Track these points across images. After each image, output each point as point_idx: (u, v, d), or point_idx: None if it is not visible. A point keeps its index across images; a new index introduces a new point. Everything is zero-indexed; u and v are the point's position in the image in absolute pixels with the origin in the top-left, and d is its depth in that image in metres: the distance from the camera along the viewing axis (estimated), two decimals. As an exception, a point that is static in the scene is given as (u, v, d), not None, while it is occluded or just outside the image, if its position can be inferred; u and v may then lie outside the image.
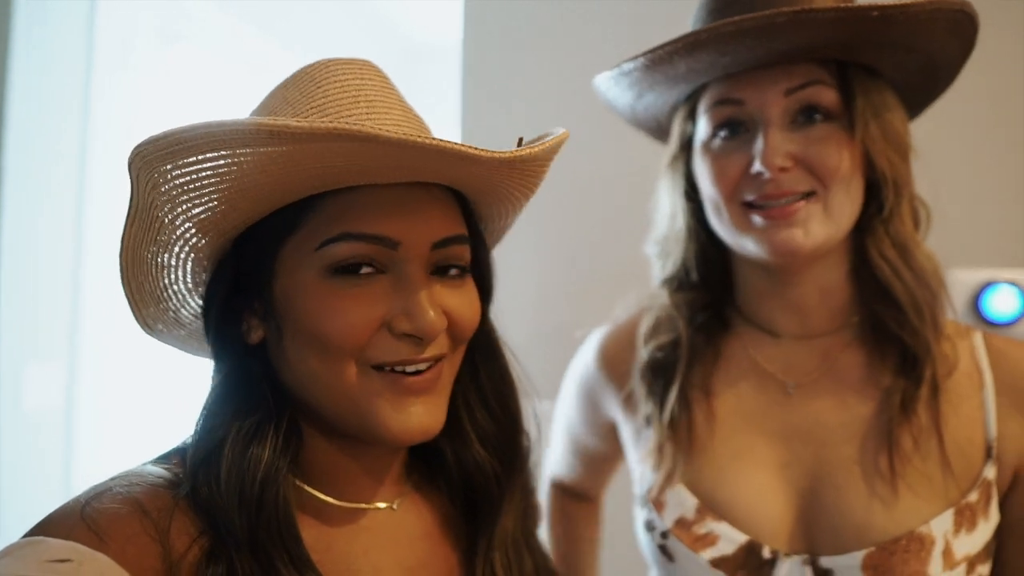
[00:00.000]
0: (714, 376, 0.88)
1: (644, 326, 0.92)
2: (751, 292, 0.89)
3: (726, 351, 0.89)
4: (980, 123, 1.33)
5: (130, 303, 0.66)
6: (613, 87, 0.88)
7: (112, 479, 0.58)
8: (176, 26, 1.99)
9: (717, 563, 0.79)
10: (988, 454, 0.78)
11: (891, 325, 0.81)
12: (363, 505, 0.67)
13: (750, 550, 0.79)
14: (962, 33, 0.77)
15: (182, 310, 0.68)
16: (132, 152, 0.55)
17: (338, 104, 0.61)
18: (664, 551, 0.83)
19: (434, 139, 0.53)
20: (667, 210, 0.92)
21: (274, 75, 0.72)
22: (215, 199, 0.57)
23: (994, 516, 0.77)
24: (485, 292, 0.70)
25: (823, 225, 0.78)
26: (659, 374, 0.89)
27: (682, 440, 0.85)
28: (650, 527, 0.86)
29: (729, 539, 0.79)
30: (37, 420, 1.75)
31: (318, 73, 0.64)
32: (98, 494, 0.56)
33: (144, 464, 0.62)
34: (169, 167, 0.55)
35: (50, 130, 1.75)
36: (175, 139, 0.53)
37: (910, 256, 0.81)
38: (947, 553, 0.74)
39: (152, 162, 0.55)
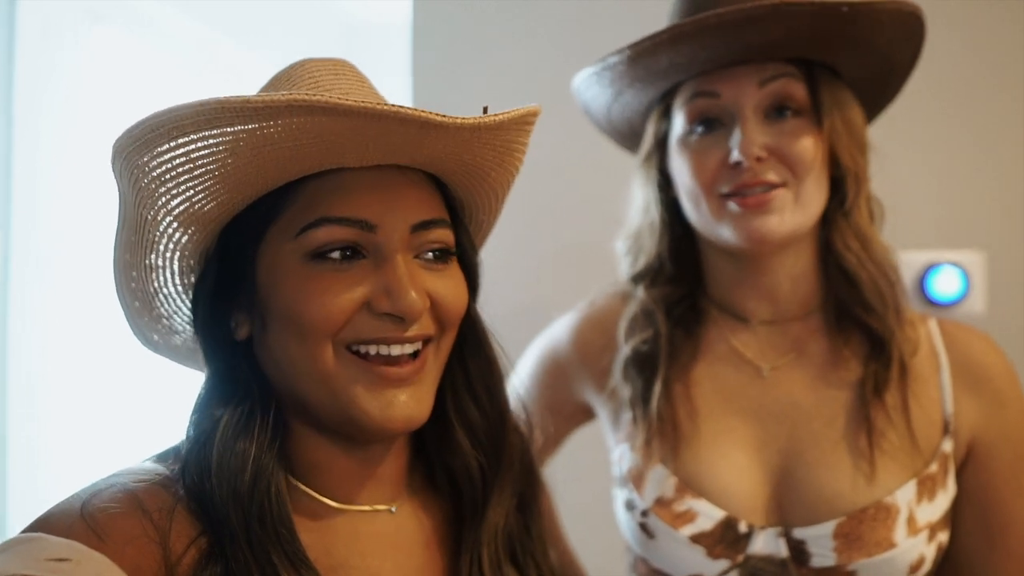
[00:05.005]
0: (694, 366, 0.92)
1: (623, 322, 0.95)
2: (723, 281, 0.93)
3: (704, 339, 0.93)
4: (923, 106, 1.37)
5: (125, 313, 0.66)
6: (593, 85, 0.91)
7: (112, 476, 0.58)
8: (102, 6, 1.88)
9: (696, 539, 0.82)
10: (946, 429, 0.84)
11: (857, 311, 0.86)
12: (362, 507, 0.66)
13: (727, 525, 0.82)
14: (914, 37, 0.85)
15: (175, 316, 0.67)
16: (111, 150, 0.56)
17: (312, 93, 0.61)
18: (644, 529, 0.86)
19: (395, 105, 0.53)
20: (640, 203, 0.96)
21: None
22: (190, 188, 0.57)
23: (951, 487, 0.83)
24: (471, 282, 0.69)
25: (794, 213, 0.83)
26: (641, 368, 0.91)
27: (667, 434, 0.88)
28: (630, 506, 0.89)
29: (707, 515, 0.83)
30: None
31: (294, 71, 0.65)
32: (98, 491, 0.55)
33: (143, 461, 0.61)
34: (146, 159, 0.55)
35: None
36: (146, 126, 0.54)
37: (870, 247, 0.87)
38: (911, 520, 0.79)
39: (130, 156, 0.55)
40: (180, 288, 0.66)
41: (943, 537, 0.82)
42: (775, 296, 0.90)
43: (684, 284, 0.94)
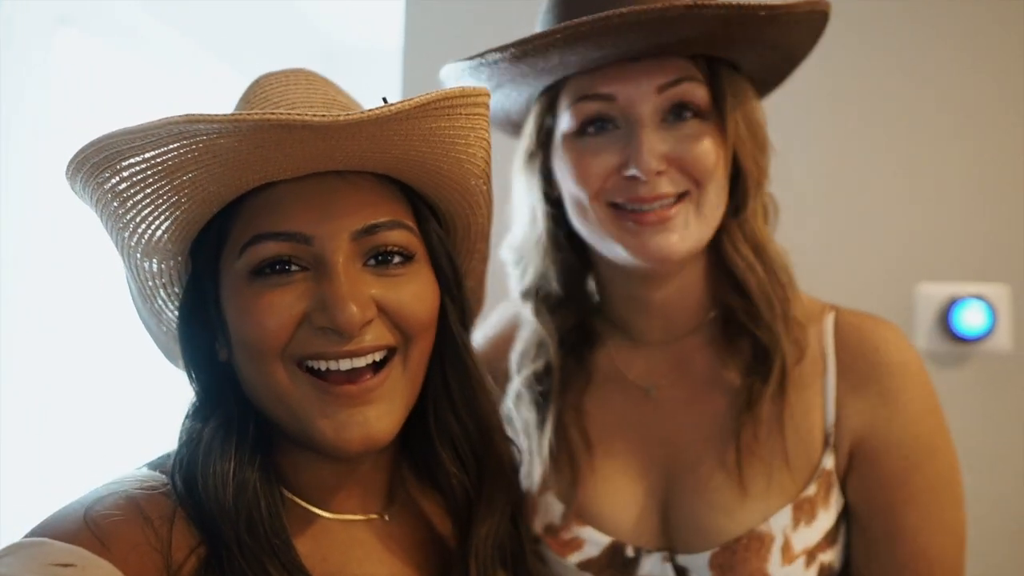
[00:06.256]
0: (585, 393, 0.87)
1: (515, 352, 0.89)
2: (614, 298, 0.87)
3: (595, 365, 0.88)
4: (946, 136, 1.32)
5: (150, 333, 0.70)
6: (466, 77, 0.82)
7: (112, 482, 0.58)
8: (70, 9, 1.80)
9: (584, 566, 0.80)
10: (826, 442, 0.78)
11: (742, 318, 0.80)
12: (355, 516, 0.66)
13: (614, 551, 0.80)
14: (818, 32, 0.79)
15: None
16: (70, 183, 0.57)
17: (260, 108, 0.62)
18: (538, 556, 0.82)
19: (276, 113, 0.52)
20: (526, 213, 0.88)
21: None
22: (131, 221, 0.58)
23: (835, 503, 0.78)
24: (446, 287, 0.67)
25: (697, 227, 0.77)
26: (532, 403, 0.86)
27: (563, 468, 0.84)
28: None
29: (594, 542, 0.80)
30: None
31: (249, 90, 0.66)
32: (100, 498, 0.56)
33: (139, 468, 0.62)
34: (97, 196, 0.56)
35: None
36: (74, 163, 0.55)
37: (763, 252, 0.81)
38: (786, 548, 0.75)
39: (87, 196, 0.57)
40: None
41: (827, 557, 0.77)
42: (667, 312, 0.84)
43: (575, 310, 0.88)
